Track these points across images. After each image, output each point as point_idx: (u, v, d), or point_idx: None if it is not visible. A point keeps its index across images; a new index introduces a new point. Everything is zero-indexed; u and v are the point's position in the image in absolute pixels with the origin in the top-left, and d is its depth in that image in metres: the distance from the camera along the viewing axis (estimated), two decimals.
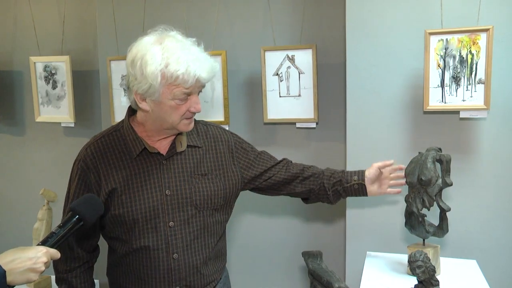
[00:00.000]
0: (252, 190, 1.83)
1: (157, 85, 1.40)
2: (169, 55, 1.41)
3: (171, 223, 1.52)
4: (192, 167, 1.57)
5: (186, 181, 1.55)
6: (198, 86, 1.47)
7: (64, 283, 1.61)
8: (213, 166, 1.61)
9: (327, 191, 1.79)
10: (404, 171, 1.82)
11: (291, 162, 1.85)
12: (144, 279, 1.55)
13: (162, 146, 1.56)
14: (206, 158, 1.61)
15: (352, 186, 1.77)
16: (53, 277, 2.20)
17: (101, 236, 1.67)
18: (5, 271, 1.16)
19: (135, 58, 1.44)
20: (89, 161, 1.53)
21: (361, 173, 1.79)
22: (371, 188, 1.78)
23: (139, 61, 1.42)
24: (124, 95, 2.67)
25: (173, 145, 1.56)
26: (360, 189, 1.78)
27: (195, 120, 1.63)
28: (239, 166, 1.70)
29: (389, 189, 1.80)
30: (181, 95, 1.43)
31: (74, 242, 1.59)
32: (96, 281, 1.88)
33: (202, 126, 1.68)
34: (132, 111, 1.60)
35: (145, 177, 1.52)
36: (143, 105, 1.47)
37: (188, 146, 1.58)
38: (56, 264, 1.61)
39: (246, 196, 2.16)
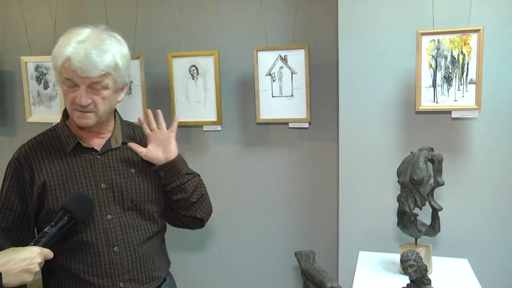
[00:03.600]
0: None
1: (52, 66, 1.48)
2: (62, 39, 1.46)
3: (108, 216, 1.52)
4: (128, 161, 1.59)
5: (122, 175, 1.56)
6: (78, 76, 1.42)
7: None
8: (148, 162, 1.62)
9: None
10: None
11: None
12: (85, 279, 1.51)
13: (97, 143, 1.58)
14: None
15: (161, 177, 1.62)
16: None
17: None
18: (0, 273, 1.15)
19: None
20: (22, 159, 1.53)
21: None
22: (159, 155, 1.58)
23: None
24: None
25: (108, 142, 1.58)
26: (161, 171, 1.60)
27: (126, 122, 1.68)
28: None
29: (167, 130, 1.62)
30: (63, 79, 1.45)
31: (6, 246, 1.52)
32: None
33: (132, 127, 1.70)
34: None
35: (79, 171, 1.53)
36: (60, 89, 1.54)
37: (123, 143, 1.60)
38: None
39: (239, 196, 2.17)
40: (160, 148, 1.59)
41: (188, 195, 1.62)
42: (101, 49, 1.43)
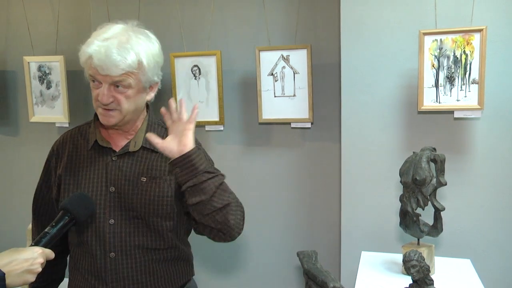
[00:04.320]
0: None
1: (80, 61, 1.47)
2: (93, 35, 1.46)
3: (111, 221, 1.48)
4: (142, 168, 1.51)
5: (131, 182, 1.50)
6: (99, 74, 1.41)
7: None
8: (166, 171, 1.53)
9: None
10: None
11: None
12: (85, 276, 1.52)
13: (118, 143, 1.55)
14: (159, 162, 1.53)
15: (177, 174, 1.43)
16: None
17: None
18: (4, 274, 1.15)
19: None
20: (55, 148, 1.61)
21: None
22: (173, 147, 1.41)
23: None
24: None
25: (127, 144, 1.54)
26: (175, 167, 1.41)
27: (157, 123, 1.61)
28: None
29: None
30: (88, 76, 1.46)
31: (39, 228, 1.62)
32: None
33: (163, 128, 1.60)
34: None
35: (93, 170, 1.52)
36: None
37: (143, 147, 1.53)
38: None
39: (241, 196, 2.14)
40: (176, 141, 1.42)
41: (207, 197, 1.40)
42: (124, 47, 1.40)
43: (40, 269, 1.22)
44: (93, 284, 1.51)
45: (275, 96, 2.42)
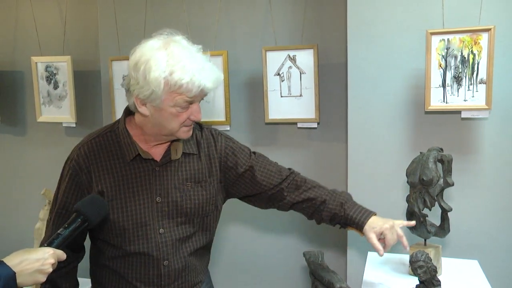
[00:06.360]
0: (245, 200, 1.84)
1: (159, 91, 1.37)
2: (174, 63, 1.37)
3: (161, 230, 1.52)
4: (185, 174, 1.56)
5: (177, 189, 1.54)
6: (201, 95, 1.45)
7: (47, 283, 1.49)
8: (207, 172, 1.60)
9: (323, 221, 1.79)
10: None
11: (294, 179, 1.86)
12: (131, 282, 1.54)
13: (157, 152, 1.54)
14: (200, 165, 1.59)
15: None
16: None
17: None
18: (15, 273, 1.16)
19: (139, 62, 1.40)
20: (82, 162, 1.51)
21: (362, 223, 1.68)
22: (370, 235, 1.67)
23: (142, 66, 1.39)
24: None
25: (168, 152, 1.54)
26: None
27: (195, 126, 1.65)
28: (226, 174, 1.66)
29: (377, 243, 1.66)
30: (183, 103, 1.41)
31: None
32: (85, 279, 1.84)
33: (197, 132, 1.64)
34: (129, 112, 1.57)
35: (137, 183, 1.51)
36: (142, 109, 1.45)
37: (183, 153, 1.56)
38: None
39: None
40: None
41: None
42: (211, 64, 1.47)
43: (51, 270, 1.23)
44: None
45: (281, 96, 2.42)
